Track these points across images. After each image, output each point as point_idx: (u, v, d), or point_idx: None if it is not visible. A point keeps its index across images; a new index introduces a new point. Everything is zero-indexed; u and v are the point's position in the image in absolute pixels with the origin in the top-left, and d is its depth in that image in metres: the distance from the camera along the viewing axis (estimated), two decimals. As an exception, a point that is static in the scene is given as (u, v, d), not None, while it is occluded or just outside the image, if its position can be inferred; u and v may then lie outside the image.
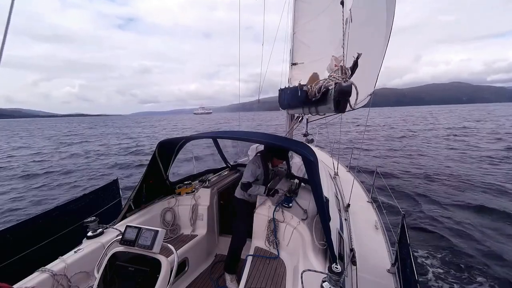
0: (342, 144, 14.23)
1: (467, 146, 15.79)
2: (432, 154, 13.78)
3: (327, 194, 2.52)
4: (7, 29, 1.06)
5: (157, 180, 2.86)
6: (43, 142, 26.60)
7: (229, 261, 2.66)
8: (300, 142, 3.09)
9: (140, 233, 1.53)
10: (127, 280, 1.44)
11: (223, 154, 3.98)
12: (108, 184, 3.67)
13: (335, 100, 1.61)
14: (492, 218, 5.79)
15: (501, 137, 19.00)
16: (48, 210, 2.72)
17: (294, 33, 4.80)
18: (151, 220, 2.69)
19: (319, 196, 1.82)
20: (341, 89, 1.51)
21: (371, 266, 2.44)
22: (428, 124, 36.13)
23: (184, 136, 2.72)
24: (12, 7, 1.06)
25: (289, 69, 4.95)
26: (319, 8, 4.26)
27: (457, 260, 4.39)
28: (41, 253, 2.41)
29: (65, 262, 1.78)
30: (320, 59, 4.21)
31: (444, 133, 23.94)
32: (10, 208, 7.49)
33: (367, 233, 3.14)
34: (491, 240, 4.93)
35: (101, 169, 12.88)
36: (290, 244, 2.26)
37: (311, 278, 1.50)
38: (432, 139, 19.82)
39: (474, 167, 10.71)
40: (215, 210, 3.22)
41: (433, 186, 8.39)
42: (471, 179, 8.88)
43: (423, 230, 5.43)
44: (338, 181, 4.84)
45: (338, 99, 1.58)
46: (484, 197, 7.17)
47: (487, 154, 12.96)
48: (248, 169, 2.65)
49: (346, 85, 1.49)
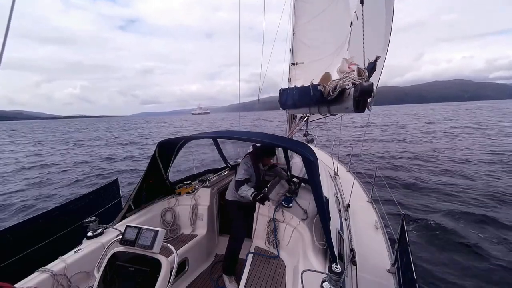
0: (344, 145, 14.20)
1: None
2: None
3: (327, 194, 2.52)
4: (7, 31, 1.05)
5: (157, 180, 2.86)
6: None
7: (228, 263, 2.65)
8: (300, 142, 3.09)
9: (140, 233, 1.54)
10: (127, 280, 1.44)
11: (223, 154, 3.99)
12: (108, 184, 3.67)
13: (355, 100, 1.61)
14: (495, 227, 5.50)
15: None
16: (48, 210, 2.72)
17: (294, 33, 4.79)
18: (151, 220, 2.69)
19: (319, 196, 1.82)
20: (363, 89, 1.50)
21: (371, 266, 2.44)
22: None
23: (184, 136, 2.72)
24: (12, 9, 1.06)
25: (289, 69, 4.95)
26: (320, 8, 4.26)
27: (457, 260, 4.38)
28: (41, 253, 2.41)
29: (65, 262, 1.78)
30: (320, 59, 4.21)
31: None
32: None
33: (367, 233, 3.14)
34: (492, 240, 4.93)
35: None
36: (290, 244, 2.27)
37: (311, 278, 1.50)
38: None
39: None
40: (215, 210, 3.22)
41: (434, 186, 8.38)
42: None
43: (423, 230, 5.42)
44: (338, 181, 4.84)
45: (359, 99, 1.58)
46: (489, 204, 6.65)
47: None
48: (241, 168, 2.66)
49: (367, 84, 1.49)
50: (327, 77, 2.26)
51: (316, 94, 2.09)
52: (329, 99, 1.93)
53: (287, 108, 3.99)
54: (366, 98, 1.57)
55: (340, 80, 1.82)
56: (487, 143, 16.36)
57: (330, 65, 3.90)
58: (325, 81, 2.17)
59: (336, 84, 1.83)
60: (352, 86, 1.70)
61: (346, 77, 1.78)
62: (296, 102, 2.95)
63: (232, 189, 2.80)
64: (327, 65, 4.03)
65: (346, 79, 1.78)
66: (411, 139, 20.00)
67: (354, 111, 1.72)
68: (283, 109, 4.32)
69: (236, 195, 2.75)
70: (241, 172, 2.62)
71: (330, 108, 2.25)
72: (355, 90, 1.59)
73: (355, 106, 1.65)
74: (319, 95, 2.05)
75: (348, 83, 1.74)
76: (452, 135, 21.17)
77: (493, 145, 15.42)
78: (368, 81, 1.51)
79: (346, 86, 1.76)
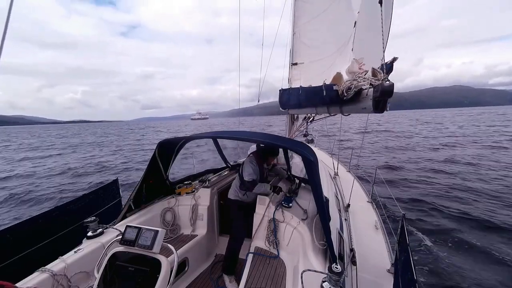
0: (344, 145, 14.17)
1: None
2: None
3: (327, 194, 2.52)
4: (4, 35, 1.05)
5: (157, 180, 2.86)
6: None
7: (228, 262, 2.66)
8: (300, 142, 3.09)
9: (140, 233, 1.54)
10: (127, 280, 1.44)
11: (223, 154, 3.98)
12: (108, 184, 3.67)
13: (375, 100, 1.60)
14: (496, 228, 5.41)
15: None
16: (48, 210, 2.72)
17: (294, 33, 4.79)
18: (151, 220, 2.69)
19: (319, 196, 1.82)
20: (384, 89, 1.50)
21: (371, 266, 2.44)
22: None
23: (184, 136, 2.71)
24: (9, 13, 1.05)
25: (289, 69, 4.94)
26: (320, 8, 4.25)
27: (458, 260, 4.38)
28: (41, 253, 2.41)
29: (65, 262, 1.78)
30: (321, 59, 4.21)
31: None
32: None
33: (367, 233, 3.14)
34: (492, 242, 4.93)
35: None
36: (290, 244, 2.27)
37: (311, 278, 1.50)
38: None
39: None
40: (215, 210, 3.21)
41: (434, 185, 8.38)
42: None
43: (423, 230, 5.42)
44: (338, 181, 4.84)
45: (379, 99, 1.58)
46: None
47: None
48: (248, 168, 2.66)
49: (388, 85, 1.49)
50: (339, 77, 2.24)
51: (330, 94, 2.07)
52: (344, 99, 1.91)
53: (289, 108, 3.98)
54: (386, 99, 1.57)
55: (354, 80, 1.82)
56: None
57: (332, 65, 3.89)
58: (337, 81, 2.16)
59: (350, 84, 1.82)
60: (369, 87, 1.69)
61: (361, 78, 1.78)
62: (302, 102, 2.93)
63: (235, 188, 2.81)
64: (328, 65, 4.02)
65: (360, 80, 1.77)
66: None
67: (373, 111, 1.71)
68: (283, 109, 4.31)
69: (238, 195, 2.76)
70: (249, 172, 2.64)
71: (343, 108, 2.23)
72: (375, 90, 1.59)
73: (374, 106, 1.64)
74: (334, 95, 2.02)
75: (363, 83, 1.73)
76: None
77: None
78: (389, 82, 1.51)
79: (362, 87, 1.75)
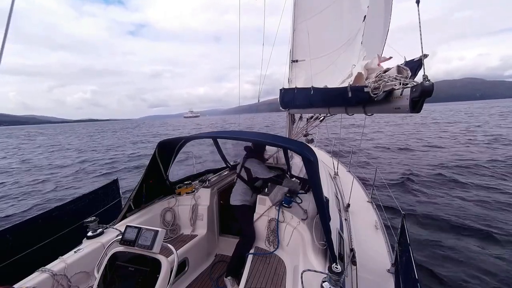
0: (344, 145, 14.17)
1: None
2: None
3: (327, 194, 2.52)
4: (6, 35, 1.05)
5: (157, 180, 2.86)
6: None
7: (235, 264, 2.55)
8: (300, 142, 3.08)
9: (140, 233, 1.54)
10: (127, 280, 1.44)
11: (223, 154, 3.98)
12: (108, 184, 3.67)
13: (412, 100, 1.60)
14: (497, 229, 5.34)
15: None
16: (48, 210, 2.72)
17: (294, 30, 4.75)
18: (151, 220, 2.69)
19: (319, 196, 1.82)
20: (424, 89, 1.49)
21: (371, 266, 2.44)
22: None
23: (184, 136, 2.71)
24: (10, 14, 1.06)
25: (289, 66, 4.90)
26: (322, 5, 4.22)
27: (458, 260, 4.38)
28: (41, 253, 2.41)
29: (65, 262, 1.78)
30: (322, 56, 4.18)
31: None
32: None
33: (367, 233, 3.14)
34: (493, 241, 4.92)
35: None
36: (290, 244, 2.27)
37: (311, 278, 1.50)
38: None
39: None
40: (215, 210, 3.21)
41: (435, 185, 8.37)
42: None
43: (423, 230, 5.42)
44: (338, 181, 4.84)
45: (418, 99, 1.57)
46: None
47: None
48: (259, 167, 2.74)
49: (429, 84, 1.48)
50: (361, 77, 2.20)
51: (360, 95, 1.98)
52: (376, 100, 1.87)
53: (292, 108, 3.96)
54: (425, 99, 1.57)
55: (380, 80, 1.79)
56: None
57: (335, 62, 3.88)
58: (358, 82, 2.13)
59: (378, 84, 1.79)
60: (402, 86, 1.68)
61: (391, 77, 1.76)
62: (314, 102, 2.88)
63: (240, 193, 2.77)
64: (330, 62, 4.00)
65: (388, 79, 1.76)
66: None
67: (410, 111, 1.68)
68: (284, 109, 4.30)
69: (245, 198, 2.74)
70: (264, 170, 2.74)
71: (367, 109, 2.18)
72: (413, 90, 1.58)
73: (411, 106, 1.63)
74: (365, 97, 1.93)
75: (393, 83, 1.72)
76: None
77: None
78: (429, 81, 1.50)
79: (394, 86, 1.74)
